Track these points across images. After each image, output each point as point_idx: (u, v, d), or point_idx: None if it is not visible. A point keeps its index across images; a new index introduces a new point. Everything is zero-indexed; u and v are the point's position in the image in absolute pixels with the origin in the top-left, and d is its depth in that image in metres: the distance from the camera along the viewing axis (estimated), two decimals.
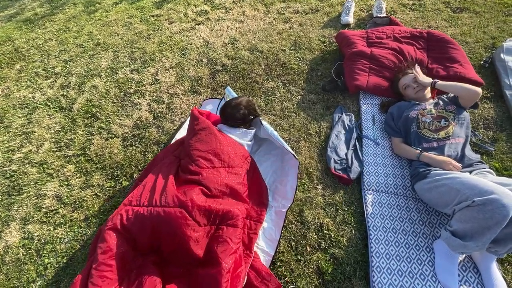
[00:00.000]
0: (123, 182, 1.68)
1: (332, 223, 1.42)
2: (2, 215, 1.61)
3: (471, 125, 1.60)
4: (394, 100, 1.82)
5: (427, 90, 1.66)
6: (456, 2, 2.56)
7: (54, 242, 1.48)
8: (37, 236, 1.51)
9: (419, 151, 1.46)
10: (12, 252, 1.46)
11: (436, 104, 1.59)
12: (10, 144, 1.96)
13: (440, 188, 1.24)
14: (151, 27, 2.83)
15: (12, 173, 1.79)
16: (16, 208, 1.63)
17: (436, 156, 1.40)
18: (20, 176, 1.77)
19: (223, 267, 1.08)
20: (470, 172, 1.33)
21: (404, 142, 1.61)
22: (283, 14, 2.75)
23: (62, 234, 1.51)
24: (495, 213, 1.00)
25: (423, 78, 1.65)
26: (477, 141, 1.62)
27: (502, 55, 1.88)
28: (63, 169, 1.78)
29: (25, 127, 2.06)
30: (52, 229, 1.53)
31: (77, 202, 1.62)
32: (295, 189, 1.48)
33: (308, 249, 1.36)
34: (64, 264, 1.40)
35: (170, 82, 2.25)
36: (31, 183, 1.73)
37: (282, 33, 2.53)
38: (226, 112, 1.58)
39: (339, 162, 1.61)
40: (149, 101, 2.13)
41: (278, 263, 1.33)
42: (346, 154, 1.64)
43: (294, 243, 1.38)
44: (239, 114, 1.55)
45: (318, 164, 1.65)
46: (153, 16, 2.98)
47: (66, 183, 1.72)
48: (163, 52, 2.52)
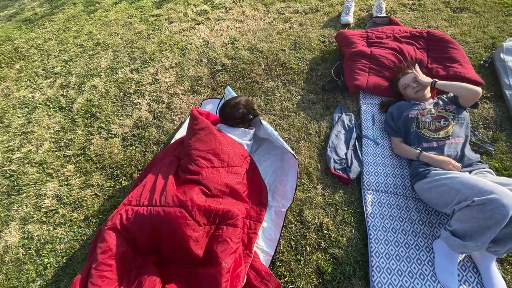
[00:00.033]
0: (122, 182, 1.68)
1: (331, 223, 1.43)
2: (2, 215, 1.61)
3: (470, 125, 1.60)
4: (394, 100, 1.82)
5: (427, 90, 1.67)
6: (456, 2, 2.56)
7: (54, 242, 1.48)
8: (37, 236, 1.51)
9: (418, 151, 1.47)
10: (12, 252, 1.46)
11: (435, 104, 1.59)
12: (10, 144, 1.96)
13: (439, 188, 1.24)
14: (150, 26, 2.83)
15: (12, 173, 1.79)
16: (15, 208, 1.63)
17: (436, 156, 1.40)
18: (20, 176, 1.77)
19: (223, 266, 1.08)
20: (470, 172, 1.33)
21: (404, 142, 1.61)
22: (283, 14, 2.75)
23: (61, 234, 1.51)
24: (495, 212, 1.00)
25: (423, 78, 1.65)
26: (476, 141, 1.62)
27: (502, 55, 1.88)
28: (62, 169, 1.78)
29: (25, 127, 2.06)
30: (51, 229, 1.53)
31: (77, 202, 1.62)
32: (295, 189, 1.47)
33: (308, 249, 1.36)
34: (64, 264, 1.40)
35: (170, 82, 2.25)
36: (31, 183, 1.73)
37: (282, 33, 2.53)
38: (225, 111, 1.58)
39: (338, 162, 1.61)
40: (148, 101, 2.13)
41: (278, 263, 1.33)
42: (346, 154, 1.64)
43: (293, 243, 1.38)
44: (238, 113, 1.55)
45: (317, 164, 1.65)
46: (152, 15, 2.97)
47: (65, 183, 1.72)
48: (163, 52, 2.52)
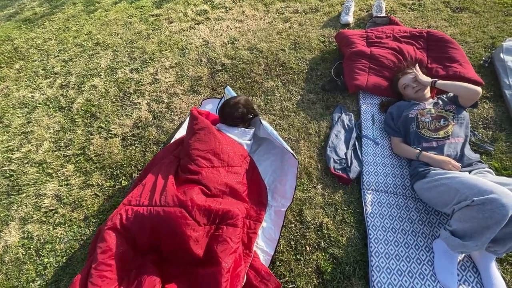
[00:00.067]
0: (122, 182, 1.68)
1: (331, 222, 1.43)
2: (2, 215, 1.61)
3: (470, 125, 1.60)
4: (394, 99, 1.82)
5: (427, 89, 1.67)
6: (455, 2, 2.56)
7: (54, 241, 1.48)
8: (37, 235, 1.51)
9: (418, 151, 1.47)
10: (12, 252, 1.46)
11: (435, 103, 1.59)
12: (10, 143, 1.95)
13: (439, 188, 1.24)
14: (150, 26, 2.82)
15: (12, 173, 1.79)
16: (15, 208, 1.63)
17: (436, 155, 1.41)
18: (20, 176, 1.77)
19: (223, 266, 1.08)
20: (470, 171, 1.34)
21: (404, 142, 1.61)
22: (283, 13, 2.75)
23: (61, 234, 1.51)
24: (495, 212, 1.01)
25: (423, 78, 1.65)
26: (476, 140, 1.62)
27: (501, 55, 1.88)
28: (62, 169, 1.78)
29: (25, 126, 2.06)
30: (51, 228, 1.53)
31: (77, 202, 1.62)
32: (295, 188, 1.47)
33: (308, 249, 1.36)
34: (64, 264, 1.40)
35: (169, 81, 2.25)
36: (31, 183, 1.73)
37: (282, 32, 2.53)
38: (225, 111, 1.58)
39: (338, 161, 1.61)
40: (148, 101, 2.13)
41: (278, 262, 1.33)
42: (345, 154, 1.64)
43: (293, 243, 1.38)
44: (238, 112, 1.55)
45: (317, 163, 1.65)
46: (152, 15, 2.97)
47: (65, 182, 1.71)
48: (163, 52, 2.52)
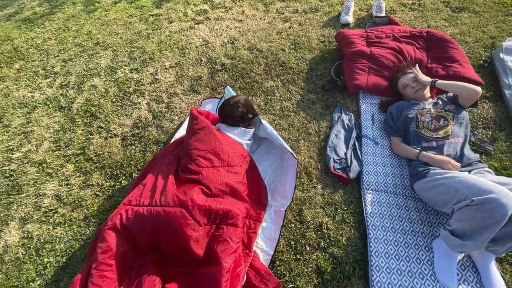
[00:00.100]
0: (122, 182, 1.68)
1: (331, 222, 1.43)
2: (2, 215, 1.61)
3: (470, 125, 1.60)
4: (394, 99, 1.82)
5: (426, 89, 1.67)
6: (455, 2, 2.56)
7: (54, 241, 1.48)
8: (37, 235, 1.51)
9: (418, 151, 1.47)
10: (12, 252, 1.46)
11: (435, 103, 1.60)
12: (10, 143, 1.95)
13: (439, 187, 1.24)
14: (150, 26, 2.82)
15: (12, 173, 1.79)
16: (15, 208, 1.63)
17: (435, 155, 1.41)
18: (20, 176, 1.77)
19: (223, 266, 1.08)
20: (469, 171, 1.34)
21: (404, 142, 1.61)
22: (283, 13, 2.75)
23: (61, 234, 1.51)
24: (494, 212, 1.01)
25: (423, 77, 1.65)
26: (476, 140, 1.63)
27: (501, 55, 1.88)
28: (62, 169, 1.78)
29: (24, 126, 2.06)
30: (51, 228, 1.53)
31: (77, 202, 1.62)
32: (294, 188, 1.47)
33: (308, 249, 1.36)
34: (64, 264, 1.41)
35: (169, 81, 2.25)
36: (31, 183, 1.73)
37: (282, 32, 2.53)
38: (225, 111, 1.58)
39: (338, 161, 1.62)
40: (148, 101, 2.13)
41: (278, 262, 1.33)
42: (345, 154, 1.64)
43: (293, 243, 1.38)
44: (238, 112, 1.55)
45: (317, 163, 1.65)
46: (152, 15, 2.97)
47: (65, 182, 1.71)
48: (163, 52, 2.52)
